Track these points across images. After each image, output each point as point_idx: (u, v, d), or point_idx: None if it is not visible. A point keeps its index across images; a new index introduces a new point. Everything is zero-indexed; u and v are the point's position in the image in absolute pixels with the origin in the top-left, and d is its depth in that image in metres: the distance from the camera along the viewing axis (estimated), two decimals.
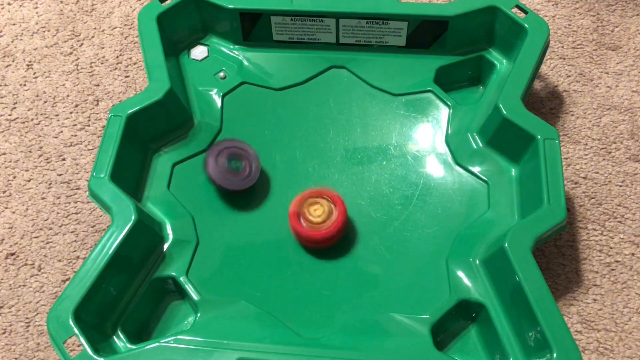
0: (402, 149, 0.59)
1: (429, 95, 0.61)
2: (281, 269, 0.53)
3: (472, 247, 0.52)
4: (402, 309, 0.50)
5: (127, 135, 0.55)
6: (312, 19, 0.62)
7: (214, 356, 0.46)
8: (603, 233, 0.58)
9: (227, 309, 0.51)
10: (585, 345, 0.53)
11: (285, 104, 0.62)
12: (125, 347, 0.49)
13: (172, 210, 0.56)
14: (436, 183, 0.57)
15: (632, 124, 0.64)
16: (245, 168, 0.56)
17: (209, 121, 0.60)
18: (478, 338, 0.50)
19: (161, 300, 0.53)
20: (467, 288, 0.50)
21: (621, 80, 0.66)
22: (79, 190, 0.62)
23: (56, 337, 0.46)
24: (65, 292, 0.48)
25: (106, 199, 0.52)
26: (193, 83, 0.62)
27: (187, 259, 0.53)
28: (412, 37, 0.62)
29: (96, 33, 0.72)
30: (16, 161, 0.64)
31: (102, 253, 0.49)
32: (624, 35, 0.69)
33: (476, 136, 0.58)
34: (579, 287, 0.55)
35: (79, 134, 0.65)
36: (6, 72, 0.70)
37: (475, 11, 0.60)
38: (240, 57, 0.64)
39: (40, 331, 0.55)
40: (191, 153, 0.59)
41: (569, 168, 0.61)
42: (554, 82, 0.67)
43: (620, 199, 0.60)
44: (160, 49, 0.59)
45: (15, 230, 0.60)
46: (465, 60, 0.62)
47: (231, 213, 0.56)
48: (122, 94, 0.68)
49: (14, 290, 0.57)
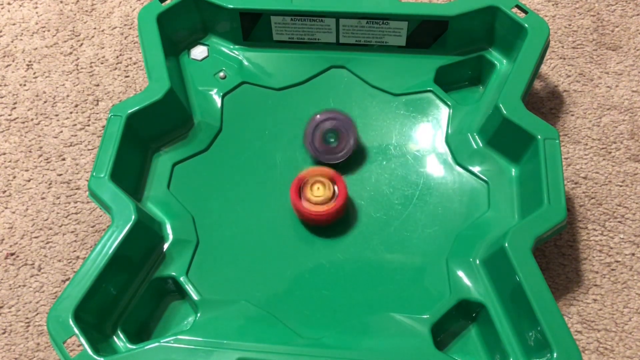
0: (402, 149, 0.59)
1: (429, 95, 0.61)
2: (281, 269, 0.53)
3: (472, 247, 0.52)
4: (402, 309, 0.50)
5: (127, 135, 0.55)
6: (312, 19, 0.62)
7: (214, 356, 0.46)
8: (603, 233, 0.58)
9: (227, 309, 0.51)
10: (585, 345, 0.53)
11: (285, 104, 0.62)
12: (125, 347, 0.49)
13: (172, 210, 0.56)
14: (436, 183, 0.57)
15: (632, 124, 0.64)
16: (341, 142, 0.57)
17: (209, 121, 0.60)
18: (478, 338, 0.50)
19: (161, 300, 0.53)
20: (467, 288, 0.50)
21: (621, 80, 0.66)
22: (79, 190, 0.62)
23: (56, 337, 0.46)
24: (65, 292, 0.48)
25: (106, 199, 0.52)
26: (193, 83, 0.62)
27: (187, 259, 0.53)
28: (412, 37, 0.62)
29: (96, 33, 0.72)
30: (16, 161, 0.64)
31: (102, 253, 0.49)
32: (624, 35, 0.69)
33: (476, 136, 0.58)
34: (579, 287, 0.55)
35: (79, 134, 0.65)
36: (6, 72, 0.70)
37: (475, 11, 0.60)
38: (240, 57, 0.64)
39: (40, 331, 0.55)
40: (191, 153, 0.59)
41: (569, 168, 0.61)
42: (554, 82, 0.67)
43: (620, 199, 0.59)
44: (160, 49, 0.59)
45: (15, 230, 0.60)
46: (465, 60, 0.62)
47: (231, 213, 0.56)
48: (122, 94, 0.68)
49: (14, 290, 0.57)
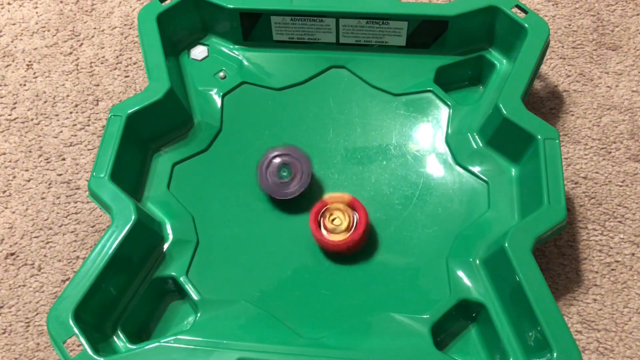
0: (402, 149, 0.59)
1: (429, 95, 0.61)
2: (281, 268, 0.53)
3: (472, 247, 0.52)
4: (402, 309, 0.50)
5: (127, 135, 0.55)
6: (312, 19, 0.62)
7: (214, 356, 0.46)
8: (603, 233, 0.58)
9: (227, 309, 0.51)
10: (585, 345, 0.53)
11: (285, 104, 0.62)
12: (125, 347, 0.49)
13: (172, 210, 0.56)
14: (436, 183, 0.57)
15: (632, 124, 0.64)
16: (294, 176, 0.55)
17: (209, 121, 0.60)
18: (478, 338, 0.50)
19: (161, 300, 0.53)
20: (467, 288, 0.50)
21: (621, 80, 0.66)
22: (79, 190, 0.62)
23: (56, 337, 0.46)
24: (65, 292, 0.48)
25: (106, 198, 0.52)
26: (193, 83, 0.62)
27: (187, 259, 0.53)
28: (412, 37, 0.62)
29: (96, 33, 0.72)
30: (16, 161, 0.64)
31: (102, 253, 0.49)
32: (624, 35, 0.69)
33: (476, 136, 0.58)
34: (579, 287, 0.55)
35: (79, 134, 0.65)
36: (6, 72, 0.70)
37: (475, 11, 0.60)
38: (240, 57, 0.64)
39: (40, 331, 0.55)
40: (191, 153, 0.59)
41: (569, 168, 0.61)
42: (554, 82, 0.67)
43: (620, 199, 0.59)
44: (160, 49, 0.59)
45: (15, 230, 0.60)
46: (465, 60, 0.62)
47: (231, 213, 0.56)
48: (122, 94, 0.68)
49: (14, 290, 0.57)
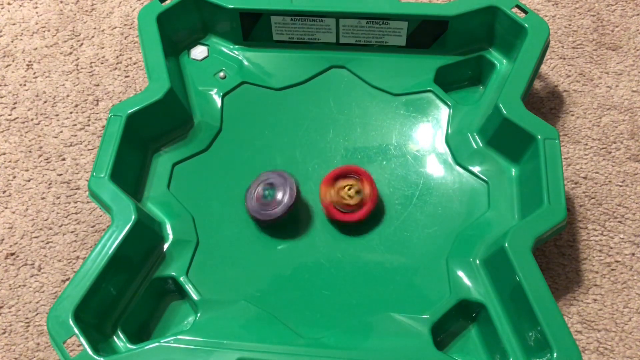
0: (402, 149, 0.59)
1: (429, 95, 0.61)
2: (281, 269, 0.53)
3: (472, 247, 0.52)
4: (402, 309, 0.50)
5: (127, 135, 0.55)
6: (312, 19, 0.62)
7: (214, 356, 0.46)
8: (603, 233, 0.58)
9: (227, 309, 0.51)
10: (585, 345, 0.53)
11: (285, 104, 0.62)
12: (125, 347, 0.49)
13: (172, 210, 0.56)
14: (436, 183, 0.57)
15: (632, 124, 0.64)
16: (276, 198, 0.54)
17: (209, 121, 0.60)
18: (478, 338, 0.50)
19: (161, 300, 0.53)
20: (467, 288, 0.50)
21: (621, 80, 0.66)
22: (79, 190, 0.62)
23: (56, 337, 0.46)
24: (65, 292, 0.48)
25: (106, 198, 0.52)
26: (193, 83, 0.62)
27: (187, 259, 0.53)
28: (412, 37, 0.62)
29: (96, 33, 0.72)
30: (16, 161, 0.64)
31: (102, 253, 0.49)
32: (624, 35, 0.69)
33: (476, 136, 0.58)
34: (579, 287, 0.55)
35: (79, 134, 0.65)
36: (6, 72, 0.70)
37: (475, 11, 0.60)
38: (240, 57, 0.64)
39: (40, 331, 0.55)
40: (191, 153, 0.59)
41: (569, 168, 0.61)
42: (554, 82, 0.67)
43: (620, 199, 0.59)
44: (160, 49, 0.59)
45: (15, 230, 0.60)
46: (465, 60, 0.62)
47: (231, 213, 0.56)
48: (122, 94, 0.68)
49: (14, 290, 0.57)
